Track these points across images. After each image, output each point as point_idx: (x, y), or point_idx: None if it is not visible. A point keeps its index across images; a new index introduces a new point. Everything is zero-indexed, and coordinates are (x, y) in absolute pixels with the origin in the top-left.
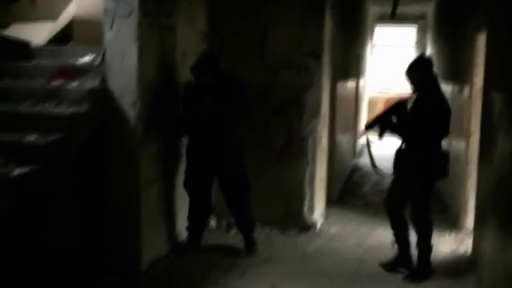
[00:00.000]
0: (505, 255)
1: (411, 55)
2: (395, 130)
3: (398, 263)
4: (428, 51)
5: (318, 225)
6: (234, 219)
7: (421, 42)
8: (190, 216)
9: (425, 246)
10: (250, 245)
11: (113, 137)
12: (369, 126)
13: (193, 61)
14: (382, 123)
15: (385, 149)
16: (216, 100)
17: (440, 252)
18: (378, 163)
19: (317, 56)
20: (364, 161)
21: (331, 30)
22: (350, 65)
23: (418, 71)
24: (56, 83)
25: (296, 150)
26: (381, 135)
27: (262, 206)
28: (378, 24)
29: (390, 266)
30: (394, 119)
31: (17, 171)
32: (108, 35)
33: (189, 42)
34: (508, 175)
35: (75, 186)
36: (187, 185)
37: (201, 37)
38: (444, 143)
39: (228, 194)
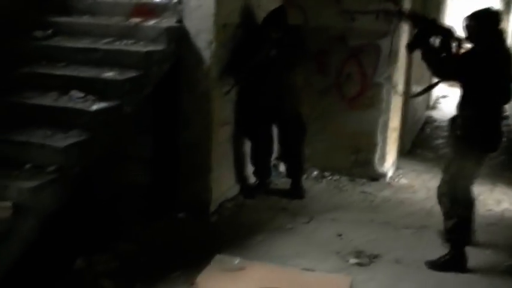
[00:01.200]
0: None
1: (494, 5)
2: (429, 54)
3: None
4: None
5: (388, 175)
6: (285, 162)
7: None
8: (254, 160)
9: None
10: (297, 190)
11: (187, 76)
12: (413, 46)
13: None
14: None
15: None
16: (280, 52)
17: None
18: None
19: (397, 1)
20: (438, 113)
21: None
22: (430, 12)
23: (479, 24)
24: (134, 20)
25: (370, 98)
26: (411, 46)
27: (333, 153)
28: None
29: None
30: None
31: (95, 106)
32: None
33: None
34: None
35: (151, 123)
36: (247, 129)
37: None
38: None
39: (285, 136)
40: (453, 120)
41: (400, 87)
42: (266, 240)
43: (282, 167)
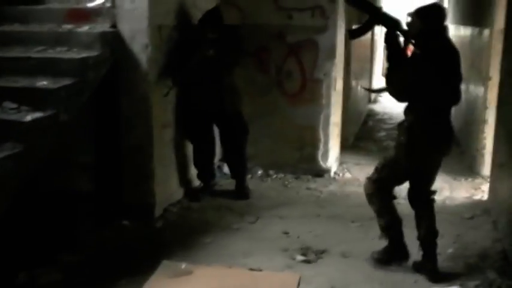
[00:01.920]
0: None
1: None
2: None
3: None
4: None
5: (333, 170)
6: (228, 164)
7: None
8: (197, 163)
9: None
10: (242, 190)
11: (125, 80)
12: (355, 33)
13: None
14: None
15: None
16: (217, 52)
17: (457, 197)
18: None
19: None
20: (380, 106)
21: None
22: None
23: (425, 21)
24: (67, 27)
25: (311, 94)
26: (353, 33)
27: (277, 151)
28: None
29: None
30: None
31: (30, 116)
32: None
33: None
34: None
35: (91, 129)
36: (189, 132)
37: None
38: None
39: (227, 136)
40: (399, 125)
41: (340, 82)
42: (213, 242)
43: (226, 168)
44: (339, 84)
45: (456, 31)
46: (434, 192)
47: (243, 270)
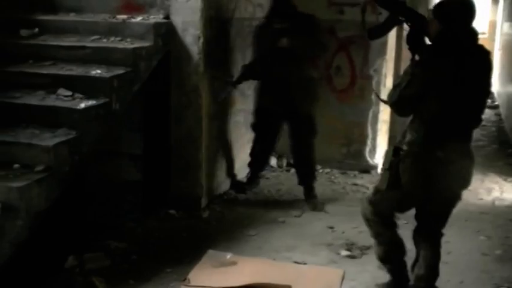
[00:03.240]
0: None
1: None
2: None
3: None
4: None
5: (379, 167)
6: (296, 166)
7: None
8: (253, 154)
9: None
10: (311, 197)
11: (176, 72)
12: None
13: None
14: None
15: None
16: (292, 41)
17: (506, 199)
18: None
19: None
20: None
21: None
22: (420, 3)
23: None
24: (121, 17)
25: (360, 90)
26: (372, 33)
27: (324, 146)
28: None
29: None
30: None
31: (83, 104)
32: None
33: None
34: None
35: (141, 119)
36: (256, 126)
37: None
38: None
39: (295, 138)
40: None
41: (390, 79)
42: (258, 234)
43: (274, 161)
44: (389, 81)
45: (510, 29)
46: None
47: (287, 264)
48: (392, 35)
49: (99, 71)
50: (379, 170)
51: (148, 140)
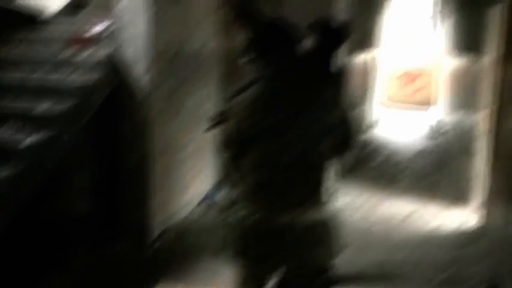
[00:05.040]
0: None
1: (429, 25)
2: None
3: None
4: (449, 21)
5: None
6: None
7: (441, 11)
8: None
9: None
10: None
11: (125, 105)
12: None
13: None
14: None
15: None
16: None
17: (449, 225)
18: None
19: None
20: (374, 134)
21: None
22: (366, 34)
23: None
24: (70, 51)
25: None
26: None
27: None
28: None
29: None
30: None
31: (32, 138)
32: (122, 4)
33: (202, 11)
34: None
35: (91, 150)
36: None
37: (216, 6)
38: None
39: None
40: None
41: None
42: (209, 266)
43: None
44: None
45: (455, 59)
46: None
47: None
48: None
49: (47, 105)
50: None
51: (99, 172)
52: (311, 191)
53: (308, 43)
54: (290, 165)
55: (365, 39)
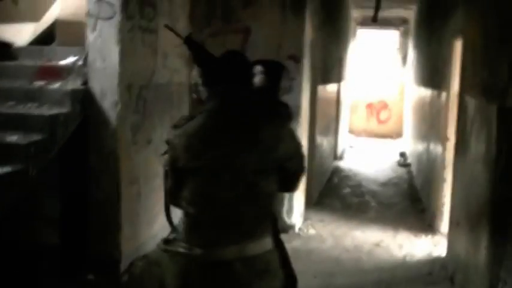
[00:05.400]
0: (476, 258)
1: (395, 59)
2: None
3: None
4: (410, 55)
5: (297, 226)
6: None
7: (403, 47)
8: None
9: None
10: None
11: (94, 137)
12: None
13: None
14: None
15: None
16: None
17: (416, 254)
18: None
19: (297, 59)
20: (345, 163)
21: (311, 33)
22: (331, 68)
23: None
24: (38, 83)
25: None
26: None
27: None
28: (360, 28)
29: None
30: None
31: (5, 170)
32: (91, 37)
33: (171, 44)
34: (478, 179)
35: (58, 182)
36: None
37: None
38: None
39: None
40: None
41: (304, 141)
42: None
43: None
44: (304, 143)
45: (418, 92)
46: None
47: None
48: (305, 98)
49: (15, 138)
50: (296, 230)
51: (65, 204)
52: (254, 225)
53: (256, 79)
54: (229, 199)
55: (331, 72)
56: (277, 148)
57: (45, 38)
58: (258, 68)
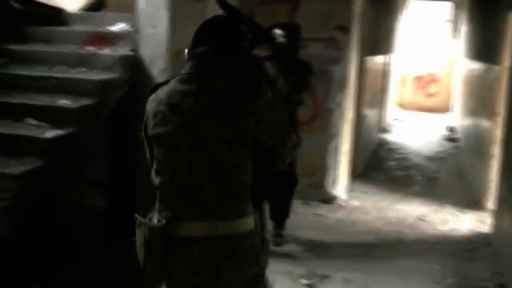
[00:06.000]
0: None
1: (446, 32)
2: None
3: None
4: (462, 28)
5: (341, 197)
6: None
7: (455, 20)
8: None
9: None
10: (278, 235)
11: (142, 103)
12: None
13: None
14: None
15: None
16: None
17: (461, 229)
18: None
19: (346, 29)
20: (391, 136)
21: (361, 4)
22: (380, 40)
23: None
24: (89, 49)
25: (321, 123)
26: None
27: None
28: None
29: None
30: None
31: (50, 133)
32: (141, 3)
33: (219, 12)
34: None
35: (107, 147)
36: None
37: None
38: None
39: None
40: None
41: (351, 112)
42: None
43: None
44: (350, 114)
45: (468, 65)
46: None
47: None
48: (353, 69)
49: (66, 101)
50: (339, 201)
51: (114, 169)
52: (224, 203)
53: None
54: (190, 171)
55: (380, 44)
56: (248, 119)
57: (96, 5)
58: (278, 32)
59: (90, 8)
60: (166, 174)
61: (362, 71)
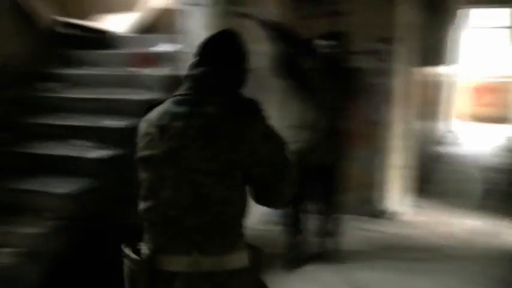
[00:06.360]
0: None
1: (506, 38)
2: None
3: None
4: None
5: (392, 212)
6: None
7: None
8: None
9: None
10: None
11: None
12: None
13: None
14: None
15: None
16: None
17: None
18: None
19: (389, 41)
20: (446, 148)
21: (410, 15)
22: (434, 50)
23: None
24: (132, 70)
25: (367, 136)
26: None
27: None
28: (469, 7)
29: None
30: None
31: (97, 153)
32: (182, 24)
33: (258, 29)
34: None
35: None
36: None
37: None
38: None
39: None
40: None
41: (399, 124)
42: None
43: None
44: (398, 127)
45: None
46: None
47: None
48: (401, 80)
49: (112, 122)
50: (391, 215)
51: None
52: (208, 237)
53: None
54: (172, 200)
55: (434, 54)
56: (236, 149)
57: (142, 27)
58: (324, 42)
59: (137, 30)
60: (149, 200)
61: (412, 82)
